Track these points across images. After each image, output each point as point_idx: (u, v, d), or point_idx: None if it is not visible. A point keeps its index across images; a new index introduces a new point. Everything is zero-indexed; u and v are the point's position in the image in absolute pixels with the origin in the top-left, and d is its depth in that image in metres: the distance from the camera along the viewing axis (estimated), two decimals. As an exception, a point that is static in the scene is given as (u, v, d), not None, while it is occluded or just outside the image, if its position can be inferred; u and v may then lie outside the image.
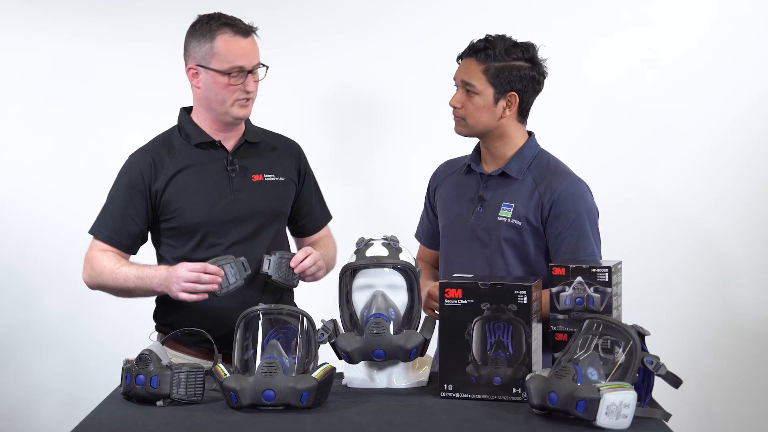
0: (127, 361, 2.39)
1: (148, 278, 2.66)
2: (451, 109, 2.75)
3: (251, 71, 2.71)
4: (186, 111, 2.84)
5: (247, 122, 2.86)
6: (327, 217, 3.02)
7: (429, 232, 2.97)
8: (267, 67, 2.76)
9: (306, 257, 2.74)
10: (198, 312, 2.70)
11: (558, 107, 3.62)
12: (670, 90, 3.68)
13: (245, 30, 2.71)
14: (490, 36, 2.72)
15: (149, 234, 2.83)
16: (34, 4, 3.77)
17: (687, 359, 3.40)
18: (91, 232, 2.79)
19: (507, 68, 2.68)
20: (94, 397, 2.52)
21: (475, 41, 2.73)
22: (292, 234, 2.99)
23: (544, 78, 2.75)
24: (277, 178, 2.84)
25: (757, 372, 3.73)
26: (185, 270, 2.59)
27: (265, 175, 2.82)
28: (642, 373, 2.20)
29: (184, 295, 2.58)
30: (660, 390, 2.26)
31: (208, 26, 2.71)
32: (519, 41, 2.71)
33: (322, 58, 3.74)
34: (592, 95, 3.69)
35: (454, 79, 2.75)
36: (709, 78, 3.67)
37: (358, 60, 3.74)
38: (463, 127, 2.75)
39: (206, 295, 2.59)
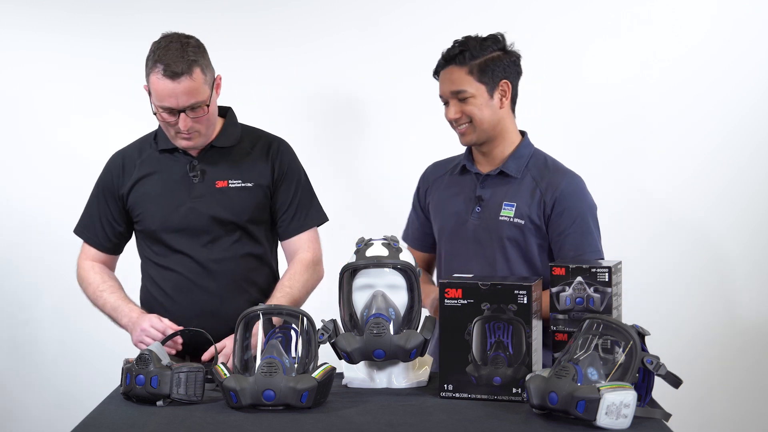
0: (127, 361, 2.40)
1: (120, 314, 2.70)
2: (449, 122, 2.73)
3: (183, 110, 2.59)
4: None
5: (228, 124, 2.77)
6: (305, 223, 2.80)
7: (419, 234, 2.95)
8: (208, 105, 2.61)
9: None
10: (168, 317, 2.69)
11: (557, 107, 3.62)
12: (670, 90, 3.67)
13: (174, 73, 2.54)
14: (458, 40, 2.73)
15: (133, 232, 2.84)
16: (39, 6, 3.76)
17: (687, 359, 3.39)
18: (75, 231, 2.83)
19: (488, 61, 2.69)
20: (94, 397, 2.52)
21: (445, 51, 2.73)
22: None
23: (520, 59, 2.75)
24: (244, 185, 2.73)
25: (757, 372, 3.73)
26: (148, 324, 2.60)
27: (230, 182, 2.72)
28: (642, 373, 2.20)
29: (140, 345, 2.60)
30: (660, 390, 2.26)
31: (152, 56, 2.59)
32: (485, 35, 2.72)
33: (316, 59, 3.72)
34: (591, 95, 3.68)
35: (441, 96, 2.74)
36: (709, 78, 3.66)
37: (352, 60, 3.72)
38: (471, 133, 2.72)
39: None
